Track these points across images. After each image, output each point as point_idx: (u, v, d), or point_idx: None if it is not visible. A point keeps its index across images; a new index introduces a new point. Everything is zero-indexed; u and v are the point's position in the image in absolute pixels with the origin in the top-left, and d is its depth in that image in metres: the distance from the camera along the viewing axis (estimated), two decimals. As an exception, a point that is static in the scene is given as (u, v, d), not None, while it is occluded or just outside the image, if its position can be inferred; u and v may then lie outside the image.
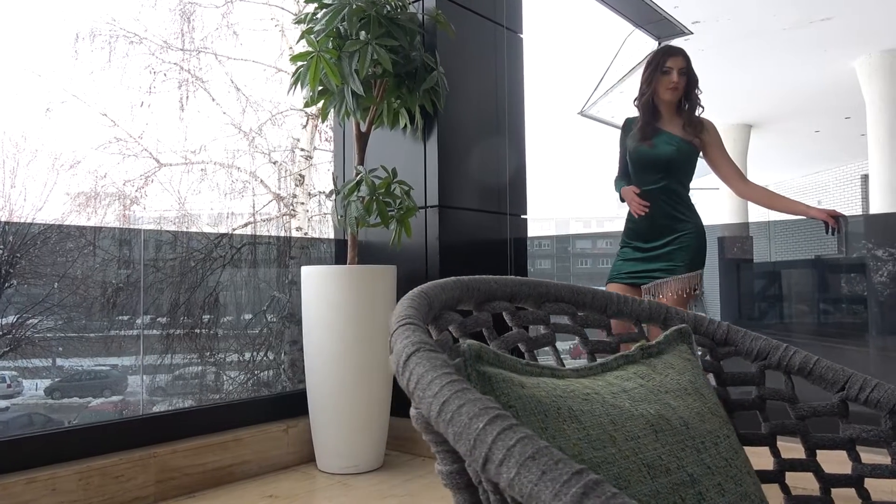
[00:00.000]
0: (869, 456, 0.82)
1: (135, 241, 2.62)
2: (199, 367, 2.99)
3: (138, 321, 2.70)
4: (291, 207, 11.95)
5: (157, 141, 11.48)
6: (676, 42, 6.64)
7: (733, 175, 2.49)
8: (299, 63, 2.63)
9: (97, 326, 2.72)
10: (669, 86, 2.46)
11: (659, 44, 6.71)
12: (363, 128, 2.69)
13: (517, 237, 3.21)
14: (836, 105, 8.75)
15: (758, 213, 12.84)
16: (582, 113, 9.54)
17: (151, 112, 11.15)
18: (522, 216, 3.26)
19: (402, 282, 2.73)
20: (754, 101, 8.46)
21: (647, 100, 2.54)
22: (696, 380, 0.63)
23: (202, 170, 11.84)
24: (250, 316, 3.31)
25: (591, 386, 0.55)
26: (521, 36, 3.34)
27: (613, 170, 2.78)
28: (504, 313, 0.75)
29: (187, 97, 10.46)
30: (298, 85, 2.67)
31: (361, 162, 2.68)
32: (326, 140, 11.60)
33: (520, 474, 0.37)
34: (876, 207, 7.02)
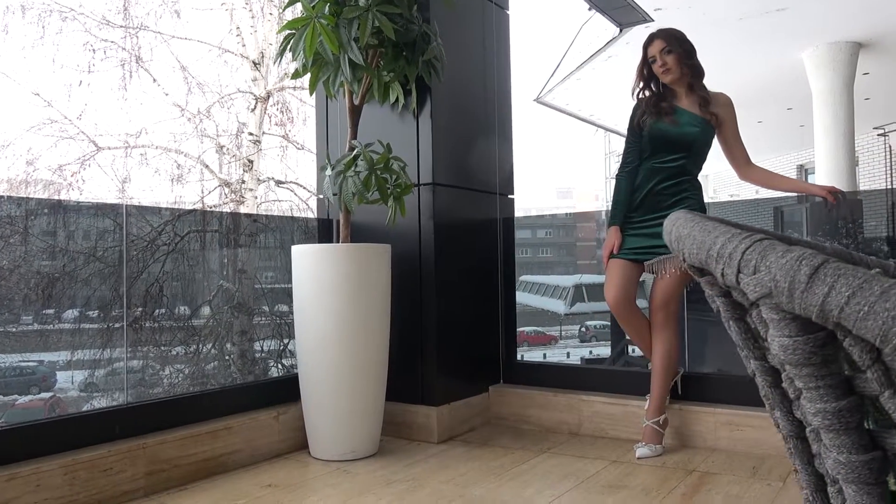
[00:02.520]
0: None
1: (115, 218, 2.43)
2: (141, 361, 2.81)
3: (68, 313, 2.51)
4: (239, 194, 11.56)
5: (95, 124, 10.87)
6: (638, 29, 6.71)
7: (741, 156, 2.49)
8: (287, 31, 2.50)
9: (27, 319, 2.53)
10: (660, 71, 2.45)
11: (620, 30, 6.77)
12: (356, 100, 2.57)
13: (506, 217, 3.15)
14: (781, 96, 9.06)
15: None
16: (538, 100, 9.57)
17: (91, 92, 10.54)
18: (510, 196, 3.21)
19: (394, 262, 2.63)
20: (706, 91, 8.64)
21: (648, 86, 2.53)
22: None
23: (142, 154, 11.30)
24: (197, 306, 3.15)
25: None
26: (508, 12, 3.28)
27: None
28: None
29: (130, 76, 9.93)
30: (285, 55, 2.54)
31: (355, 136, 2.57)
32: (276, 125, 11.26)
33: None
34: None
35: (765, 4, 6.20)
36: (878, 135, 11.74)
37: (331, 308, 2.43)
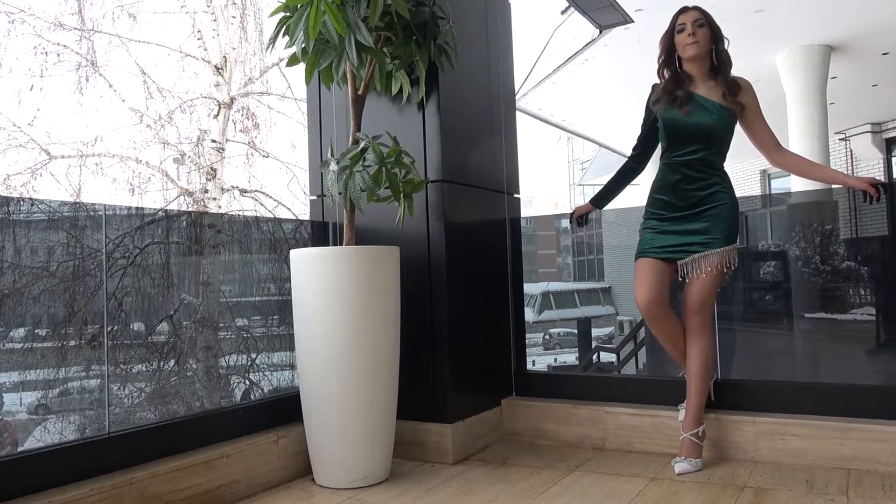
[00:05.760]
0: None
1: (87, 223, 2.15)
2: (97, 381, 2.52)
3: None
4: (202, 203, 11.12)
5: (47, 133, 10.26)
6: (617, 31, 6.63)
7: (770, 141, 2.35)
8: (283, 14, 2.26)
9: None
10: (687, 41, 2.29)
11: (600, 32, 6.68)
12: (360, 89, 2.34)
13: (513, 217, 2.96)
14: (751, 100, 9.10)
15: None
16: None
17: (44, 97, 9.96)
18: (516, 195, 3.01)
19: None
20: (680, 94, 8.64)
21: (667, 64, 2.38)
22: None
23: (97, 164, 10.77)
24: (155, 323, 2.87)
25: None
26: (510, 2, 3.10)
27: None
28: None
29: (87, 80, 9.44)
30: (278, 39, 2.30)
31: (359, 129, 2.34)
32: (241, 131, 10.88)
33: None
34: (799, 196, 7.33)
35: (743, 6, 6.18)
36: (840, 139, 11.99)
37: (337, 317, 2.18)
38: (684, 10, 2.36)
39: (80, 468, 1.77)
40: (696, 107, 2.27)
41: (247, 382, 3.39)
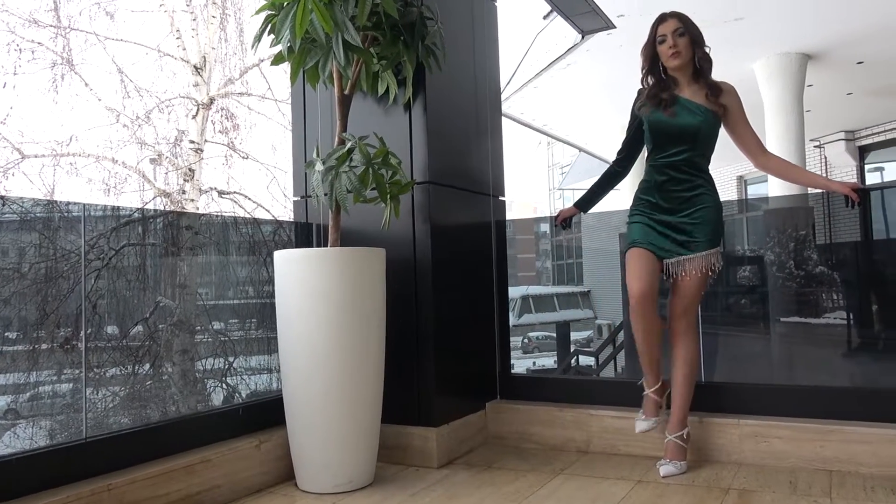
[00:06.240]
0: None
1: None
2: (70, 385, 2.45)
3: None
4: (180, 205, 10.97)
5: (20, 132, 10.03)
6: (599, 37, 6.68)
7: (754, 145, 2.37)
8: (268, 12, 2.23)
9: None
10: (670, 52, 2.30)
11: (582, 37, 6.72)
12: (346, 89, 2.31)
13: (498, 220, 2.95)
14: (729, 107, 9.22)
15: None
16: (493, 108, 9.44)
17: (17, 95, 9.76)
18: (501, 198, 3.01)
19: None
20: (660, 100, 8.71)
21: (651, 73, 2.38)
22: None
23: (71, 163, 10.58)
24: (130, 326, 2.82)
25: None
26: (496, 4, 3.10)
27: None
28: None
29: (62, 78, 9.26)
30: (263, 37, 2.27)
31: (345, 129, 2.31)
32: (220, 132, 10.75)
33: None
34: (775, 202, 7.43)
35: (724, 13, 6.26)
36: (815, 146, 12.19)
37: (322, 319, 2.15)
38: (663, 19, 2.35)
39: (57, 474, 1.72)
40: (681, 109, 2.29)
41: (224, 386, 3.33)
